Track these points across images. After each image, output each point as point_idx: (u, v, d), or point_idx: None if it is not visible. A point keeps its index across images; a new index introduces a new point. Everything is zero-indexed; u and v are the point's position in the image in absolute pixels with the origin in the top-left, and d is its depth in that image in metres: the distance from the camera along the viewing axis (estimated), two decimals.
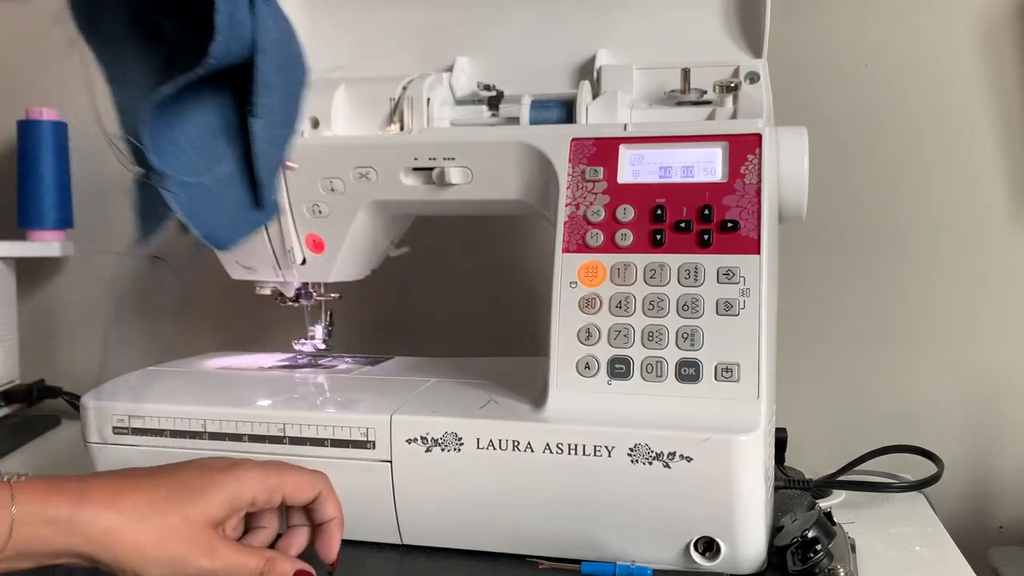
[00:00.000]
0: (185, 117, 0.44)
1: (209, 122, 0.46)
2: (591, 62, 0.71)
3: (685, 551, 0.55)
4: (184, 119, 0.44)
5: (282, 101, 0.48)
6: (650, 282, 0.58)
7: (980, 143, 0.85)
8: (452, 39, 0.74)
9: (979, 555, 0.70)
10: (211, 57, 0.42)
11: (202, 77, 0.43)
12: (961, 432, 0.87)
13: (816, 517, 0.55)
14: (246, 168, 0.46)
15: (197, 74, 0.42)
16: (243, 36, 0.44)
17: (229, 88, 0.46)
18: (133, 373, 0.72)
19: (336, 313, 0.78)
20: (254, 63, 0.45)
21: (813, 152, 0.63)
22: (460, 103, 0.71)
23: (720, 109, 0.65)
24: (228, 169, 0.46)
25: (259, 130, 0.45)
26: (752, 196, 0.58)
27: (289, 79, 0.49)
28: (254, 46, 0.44)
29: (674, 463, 0.53)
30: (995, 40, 0.84)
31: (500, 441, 0.56)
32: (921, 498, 0.73)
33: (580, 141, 0.62)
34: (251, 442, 0.61)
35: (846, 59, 0.87)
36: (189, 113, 0.45)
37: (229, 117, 0.46)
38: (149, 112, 0.42)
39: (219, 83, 0.46)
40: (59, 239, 1.02)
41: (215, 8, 0.41)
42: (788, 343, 0.72)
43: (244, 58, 0.45)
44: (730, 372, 0.55)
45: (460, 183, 0.65)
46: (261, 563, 0.51)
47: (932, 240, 0.87)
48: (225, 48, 0.43)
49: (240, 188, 0.46)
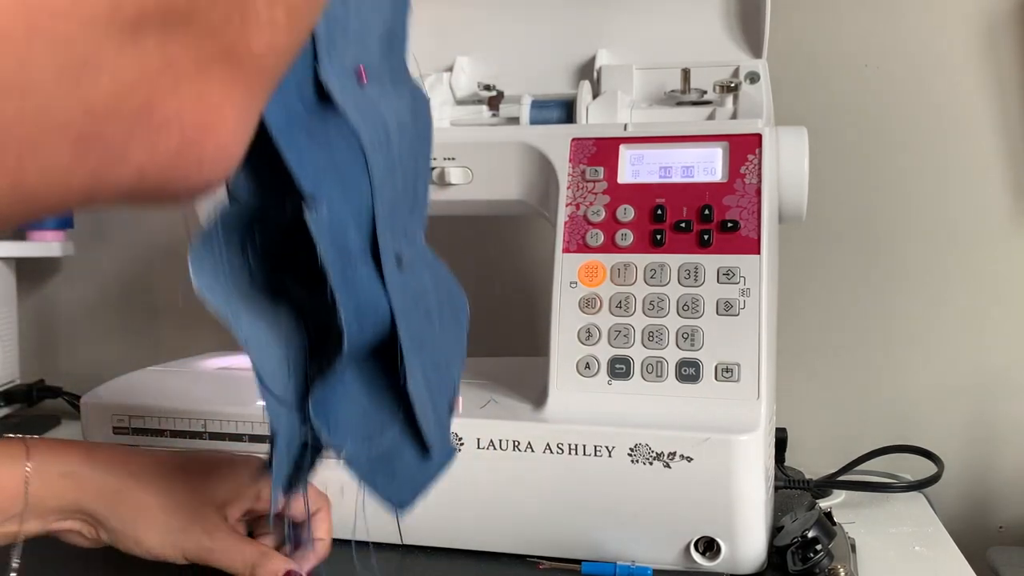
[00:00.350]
0: (344, 394, 0.41)
1: (367, 391, 0.42)
2: (591, 62, 0.71)
3: (685, 551, 0.55)
4: (344, 396, 0.41)
5: (438, 355, 0.44)
6: (650, 282, 0.58)
7: (980, 143, 0.85)
8: (452, 39, 0.74)
9: (979, 555, 0.70)
10: (344, 353, 0.37)
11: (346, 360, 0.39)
12: (961, 432, 0.87)
13: (816, 517, 0.55)
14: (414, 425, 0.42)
15: (336, 371, 0.38)
16: (377, 315, 0.39)
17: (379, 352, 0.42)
18: (133, 373, 0.72)
19: None
20: (396, 334, 0.39)
21: (813, 152, 0.63)
22: (460, 103, 0.71)
23: (720, 109, 0.65)
24: (397, 430, 0.42)
25: (415, 390, 0.41)
26: (752, 196, 0.58)
27: (443, 326, 0.44)
28: (392, 317, 0.39)
29: (674, 463, 0.53)
30: (995, 40, 0.84)
31: (500, 441, 0.56)
32: (921, 498, 0.73)
33: (580, 141, 0.62)
34: (251, 442, 0.61)
35: (846, 59, 0.87)
36: (348, 389, 0.41)
37: (387, 380, 0.42)
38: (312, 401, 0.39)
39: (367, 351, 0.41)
40: (59, 239, 1.02)
41: (338, 306, 0.36)
42: (788, 343, 0.73)
43: (384, 334, 0.40)
44: (730, 372, 0.55)
45: (460, 183, 0.65)
46: (256, 555, 0.51)
47: (932, 240, 0.87)
48: (358, 339, 0.38)
49: (412, 444, 0.43)
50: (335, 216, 0.35)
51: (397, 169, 0.39)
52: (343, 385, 0.40)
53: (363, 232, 0.37)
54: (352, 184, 0.36)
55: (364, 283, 0.38)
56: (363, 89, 0.37)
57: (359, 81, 0.37)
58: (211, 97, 0.23)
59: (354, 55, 0.37)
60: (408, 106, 0.40)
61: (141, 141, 0.22)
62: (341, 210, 0.36)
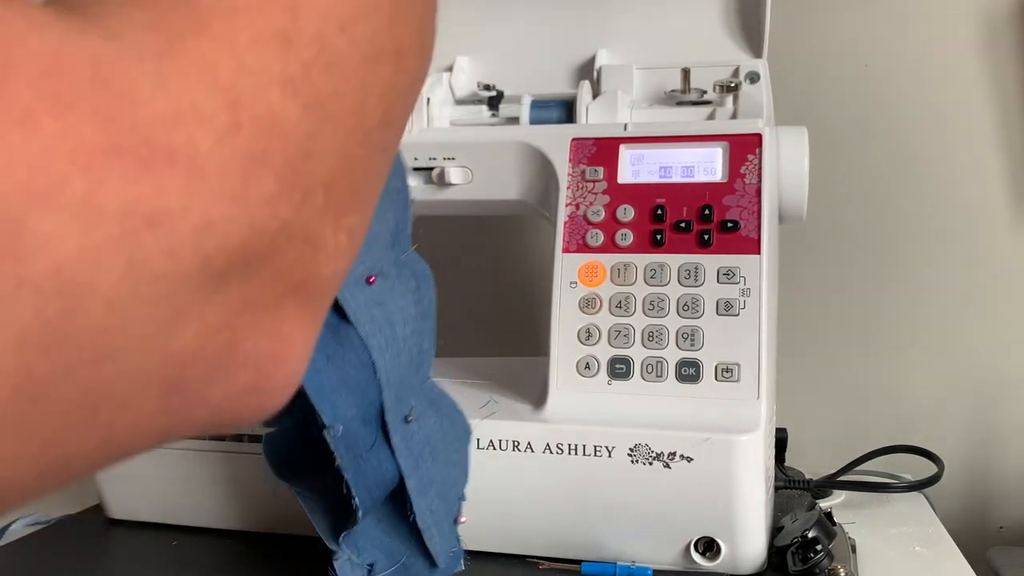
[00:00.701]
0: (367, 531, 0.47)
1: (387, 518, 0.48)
2: (591, 62, 0.71)
3: (685, 551, 0.54)
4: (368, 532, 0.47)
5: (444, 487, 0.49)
6: (650, 282, 0.58)
7: (980, 143, 0.85)
8: (452, 39, 0.74)
9: (979, 555, 0.70)
10: (359, 517, 0.43)
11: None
12: (961, 432, 0.87)
13: (816, 517, 0.55)
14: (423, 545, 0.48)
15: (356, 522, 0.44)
16: (386, 479, 0.45)
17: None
18: None
19: None
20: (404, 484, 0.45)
21: (813, 152, 0.63)
22: (460, 103, 0.71)
23: (720, 109, 0.65)
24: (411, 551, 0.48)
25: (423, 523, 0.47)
26: (752, 196, 0.58)
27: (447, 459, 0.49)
28: (399, 472, 0.45)
29: (674, 463, 0.53)
30: (995, 40, 0.84)
31: (500, 441, 0.56)
32: (921, 498, 0.73)
33: (580, 141, 0.62)
34: (250, 442, 0.61)
35: (846, 59, 0.87)
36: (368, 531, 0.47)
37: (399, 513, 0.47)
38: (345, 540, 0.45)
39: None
40: None
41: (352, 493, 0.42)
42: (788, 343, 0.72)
43: (395, 485, 0.46)
44: (730, 372, 0.55)
45: (460, 183, 0.65)
46: None
47: (932, 240, 0.87)
48: (371, 504, 0.44)
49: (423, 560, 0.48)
50: (347, 426, 0.41)
51: (403, 353, 0.43)
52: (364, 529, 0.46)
53: (372, 424, 0.43)
54: (362, 391, 0.41)
55: (373, 466, 0.43)
56: (371, 291, 0.41)
57: (367, 285, 0.41)
58: (284, 328, 0.23)
59: (365, 263, 0.40)
60: (412, 289, 0.44)
61: (220, 381, 0.22)
62: (353, 418, 0.41)
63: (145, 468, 0.63)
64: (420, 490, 0.46)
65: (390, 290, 0.43)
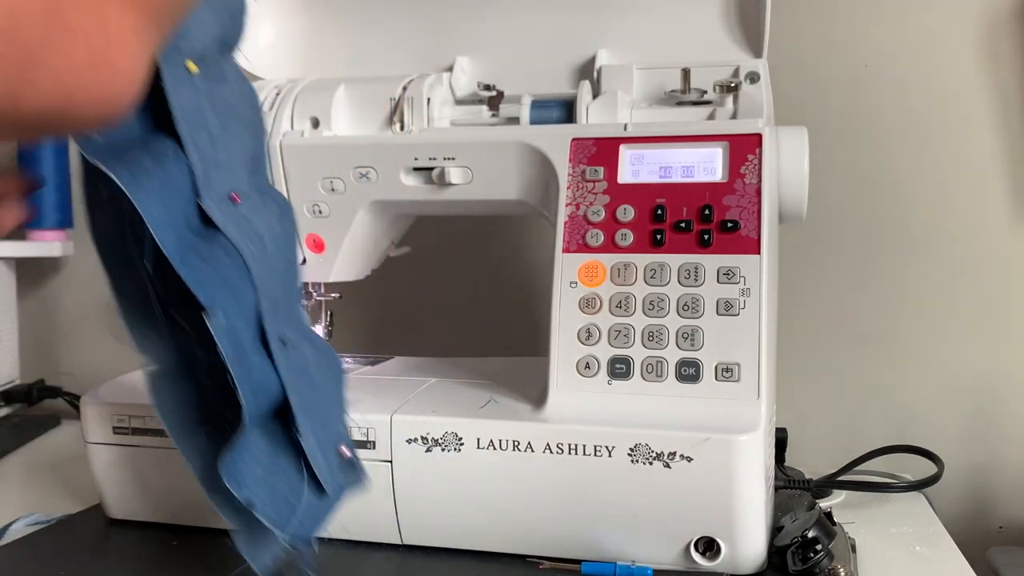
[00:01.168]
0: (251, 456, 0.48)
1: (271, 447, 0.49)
2: (591, 62, 0.71)
3: (685, 551, 0.55)
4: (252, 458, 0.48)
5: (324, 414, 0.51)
6: (650, 282, 0.58)
7: (980, 143, 0.85)
8: (452, 39, 0.74)
9: (979, 555, 0.70)
10: (246, 423, 0.45)
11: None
12: (961, 432, 0.87)
13: (816, 517, 0.55)
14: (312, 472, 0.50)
15: (240, 439, 0.46)
16: (271, 389, 0.47)
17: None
18: (133, 373, 0.72)
19: (336, 313, 0.78)
20: (288, 401, 0.48)
21: (813, 152, 0.63)
22: (460, 103, 0.71)
23: (720, 109, 0.65)
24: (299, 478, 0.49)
25: (309, 443, 0.49)
26: (752, 196, 0.58)
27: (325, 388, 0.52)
28: (283, 388, 0.47)
29: (674, 463, 0.53)
30: (995, 40, 0.84)
31: (500, 441, 0.56)
32: (921, 498, 0.73)
33: (580, 141, 0.62)
34: None
35: (846, 59, 0.87)
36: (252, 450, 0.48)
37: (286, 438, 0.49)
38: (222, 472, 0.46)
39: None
40: (59, 239, 1.02)
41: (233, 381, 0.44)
42: (788, 343, 0.73)
43: (279, 402, 0.48)
44: (730, 372, 0.55)
45: (460, 183, 0.65)
46: None
47: (932, 240, 0.87)
48: (257, 410, 0.46)
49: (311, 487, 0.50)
50: (230, 319, 0.44)
51: (274, 268, 0.48)
52: (249, 449, 0.47)
53: (252, 327, 0.46)
54: (239, 290, 0.45)
55: (257, 368, 0.46)
56: (238, 208, 0.46)
57: (233, 203, 0.46)
58: (109, 14, 0.27)
59: (227, 183, 0.46)
60: (276, 213, 0.50)
61: (54, 46, 0.25)
62: (233, 313, 0.45)
63: (145, 468, 0.64)
64: (302, 408, 0.48)
65: (255, 209, 0.48)
